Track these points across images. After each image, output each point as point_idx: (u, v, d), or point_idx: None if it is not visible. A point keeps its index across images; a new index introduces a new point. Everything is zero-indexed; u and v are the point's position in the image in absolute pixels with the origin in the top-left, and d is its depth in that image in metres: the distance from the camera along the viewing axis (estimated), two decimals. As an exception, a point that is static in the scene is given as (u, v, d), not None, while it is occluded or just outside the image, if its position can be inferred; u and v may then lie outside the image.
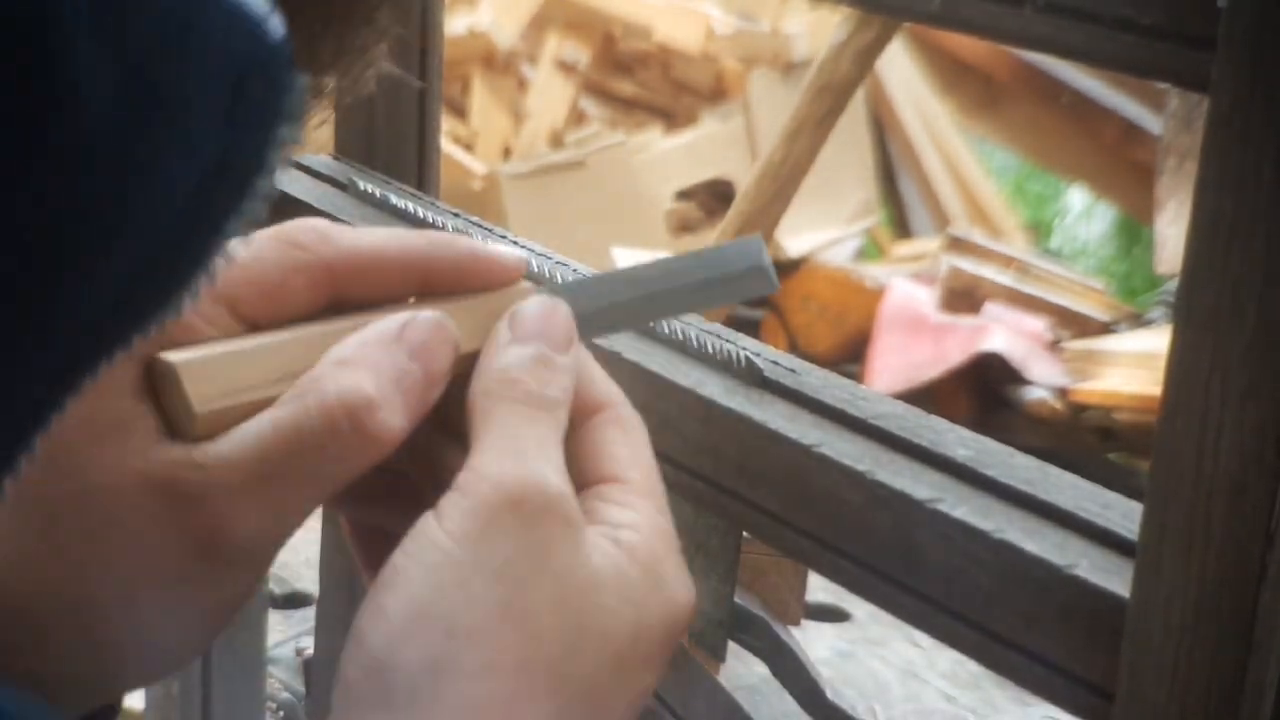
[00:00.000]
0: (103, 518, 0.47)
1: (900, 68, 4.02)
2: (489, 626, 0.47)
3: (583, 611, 0.49)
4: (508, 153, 3.69)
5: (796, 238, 3.61)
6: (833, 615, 2.32)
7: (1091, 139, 3.84)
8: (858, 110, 3.84)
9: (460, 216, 0.81)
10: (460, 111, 3.72)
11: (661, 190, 3.62)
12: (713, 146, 3.71)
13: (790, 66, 3.78)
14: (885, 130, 4.14)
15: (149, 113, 0.31)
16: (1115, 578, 0.51)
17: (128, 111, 0.30)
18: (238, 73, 0.33)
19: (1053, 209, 4.62)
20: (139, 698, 1.24)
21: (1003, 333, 2.89)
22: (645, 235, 3.49)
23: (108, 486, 0.47)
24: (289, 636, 1.92)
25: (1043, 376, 2.83)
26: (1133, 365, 2.74)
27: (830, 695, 0.75)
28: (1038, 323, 2.96)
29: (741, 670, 0.85)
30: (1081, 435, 2.79)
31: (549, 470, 0.50)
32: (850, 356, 3.14)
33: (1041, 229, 4.48)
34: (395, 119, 0.92)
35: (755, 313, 3.24)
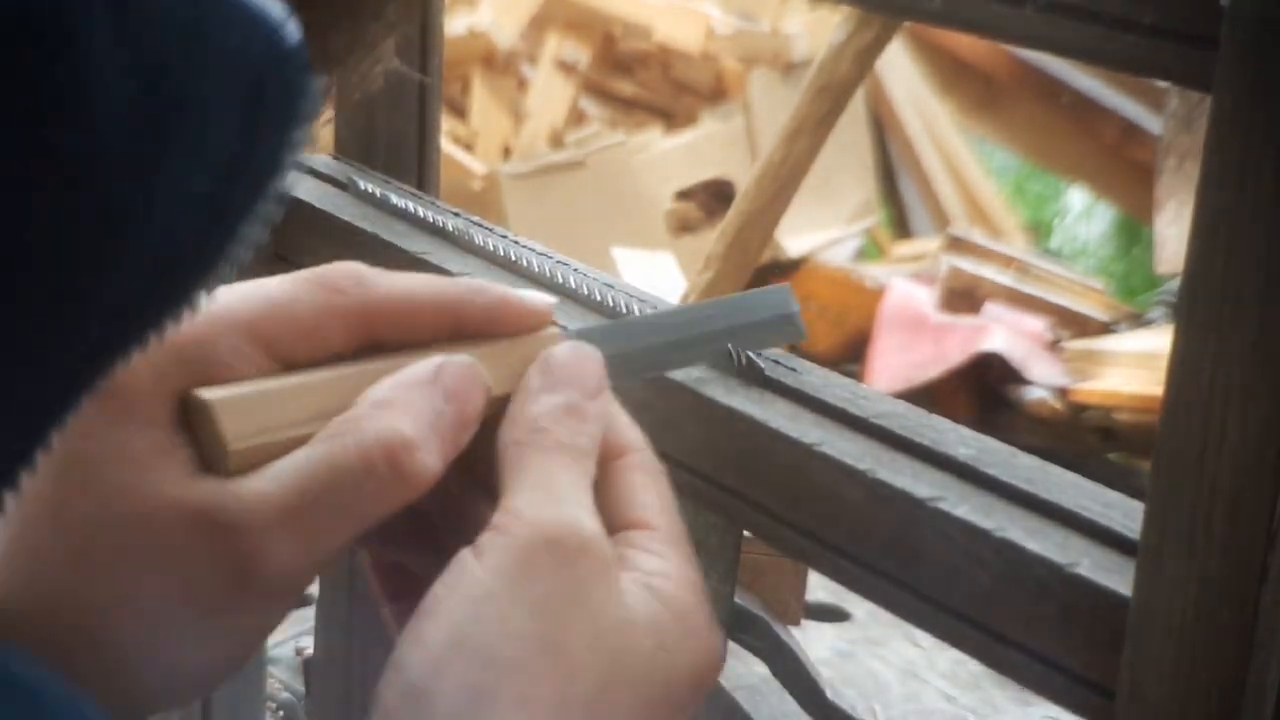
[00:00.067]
0: (136, 546, 0.48)
1: (900, 68, 4.02)
2: (527, 659, 0.47)
3: (618, 651, 0.49)
4: (508, 153, 3.69)
5: (796, 238, 3.61)
6: (833, 615, 2.32)
7: (1091, 139, 3.84)
8: (858, 110, 3.84)
9: (460, 216, 0.81)
10: (460, 111, 3.71)
11: (661, 190, 3.62)
12: (713, 146, 3.71)
13: (790, 66, 3.78)
14: (885, 130, 4.14)
15: (165, 117, 0.31)
16: (1116, 577, 0.51)
17: (144, 115, 0.30)
18: (255, 77, 0.33)
19: (1053, 209, 4.62)
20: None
21: (1003, 333, 2.89)
22: (645, 235, 3.49)
23: (143, 515, 0.48)
24: (289, 636, 1.92)
25: (1043, 376, 2.83)
26: (1133, 365, 2.75)
27: (830, 695, 0.75)
28: (1038, 323, 2.96)
29: (741, 670, 0.85)
30: (1082, 435, 2.79)
31: (583, 514, 0.51)
32: (850, 356, 3.14)
33: (1041, 229, 4.48)
34: (395, 119, 0.92)
35: (755, 313, 3.23)
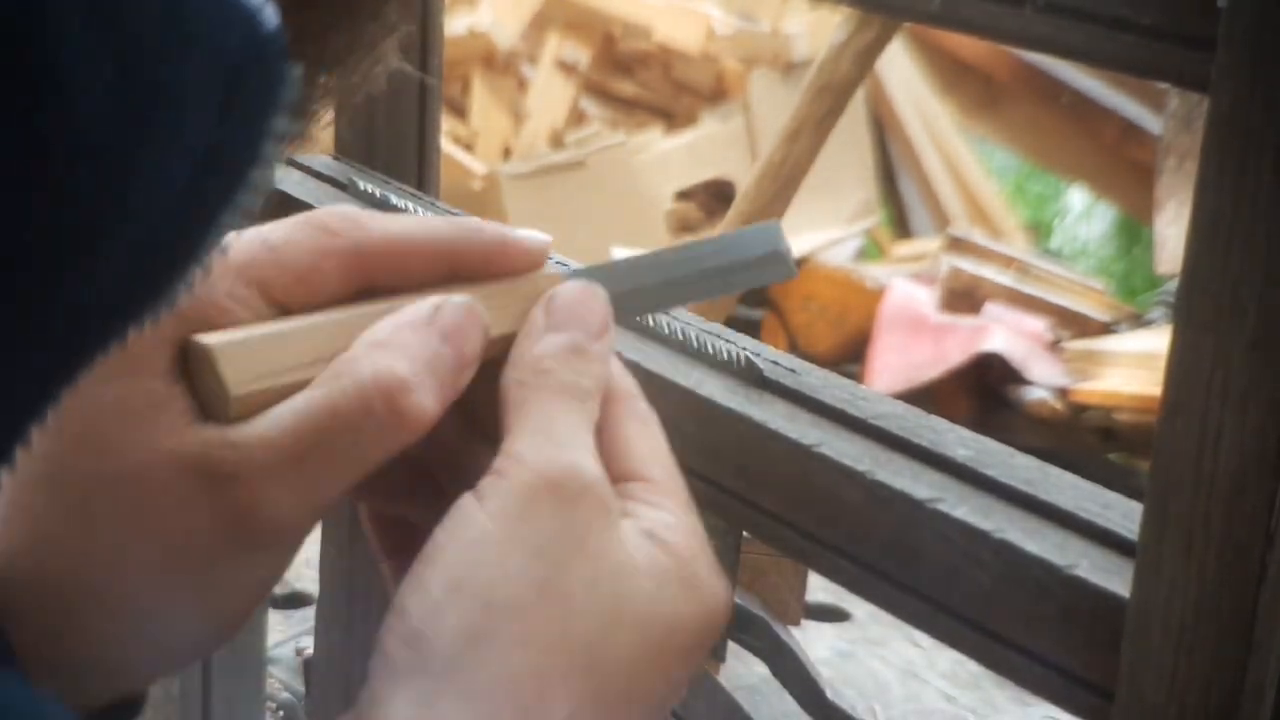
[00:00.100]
0: (134, 499, 0.48)
1: (900, 68, 4.02)
2: (525, 601, 0.47)
3: (618, 594, 0.49)
4: (508, 153, 3.69)
5: (796, 238, 3.60)
6: (833, 615, 2.32)
7: (1091, 139, 3.84)
8: (858, 110, 3.84)
9: (460, 216, 0.81)
10: (460, 111, 3.71)
11: (661, 190, 3.62)
12: (713, 146, 3.71)
13: (790, 66, 3.78)
14: (885, 130, 4.14)
15: (143, 106, 0.31)
16: (1115, 578, 0.51)
17: (122, 105, 0.30)
18: (232, 64, 0.32)
19: (1053, 209, 4.62)
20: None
21: (1003, 333, 2.89)
22: (645, 235, 3.48)
23: (140, 467, 0.48)
24: (289, 636, 1.93)
25: (1043, 376, 2.83)
26: (1133, 365, 2.74)
27: (830, 695, 0.75)
28: (1038, 323, 2.96)
29: (741, 670, 0.85)
30: (1081, 435, 2.79)
31: (585, 457, 0.50)
32: (850, 356, 3.14)
33: (1041, 229, 4.48)
34: (395, 119, 0.92)
35: (755, 313, 3.24)
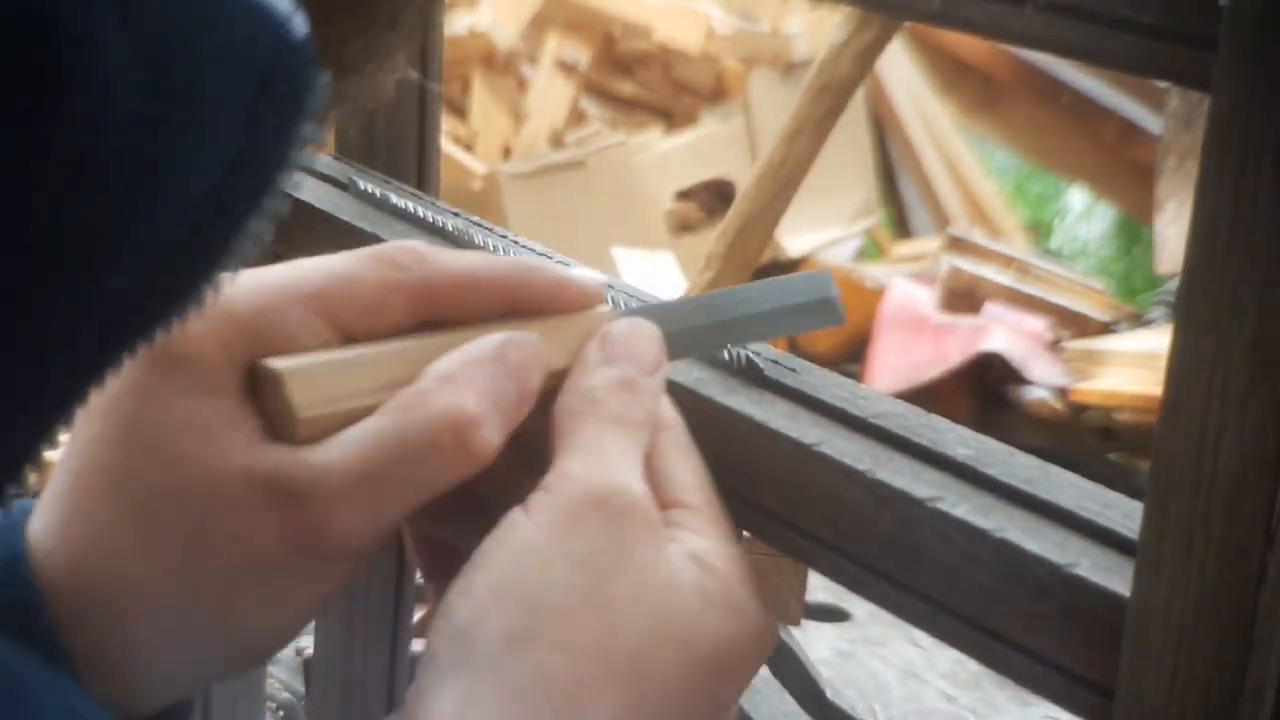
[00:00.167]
0: (202, 512, 0.49)
1: (900, 68, 4.02)
2: (569, 608, 0.48)
3: (663, 611, 0.50)
4: (508, 153, 3.69)
5: (796, 238, 3.61)
6: (833, 615, 2.32)
7: (1091, 139, 3.84)
8: (858, 110, 3.84)
9: (460, 216, 0.81)
10: (460, 111, 3.72)
11: (661, 190, 3.62)
12: (713, 146, 3.71)
13: (790, 66, 3.78)
14: (885, 130, 4.14)
15: (173, 111, 0.31)
16: (1115, 577, 0.51)
17: (151, 110, 0.31)
18: (261, 71, 0.33)
19: (1053, 209, 4.62)
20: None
21: (1003, 333, 2.89)
22: (645, 235, 3.49)
23: (210, 482, 0.49)
24: (289, 636, 1.92)
25: (1043, 376, 2.83)
26: (1133, 365, 2.74)
27: (830, 695, 0.75)
28: (1038, 323, 2.96)
29: (741, 670, 0.85)
30: (1082, 435, 2.79)
31: (632, 478, 0.52)
32: (850, 356, 3.14)
33: (1041, 229, 4.48)
34: (395, 119, 0.92)
35: (755, 313, 3.23)
